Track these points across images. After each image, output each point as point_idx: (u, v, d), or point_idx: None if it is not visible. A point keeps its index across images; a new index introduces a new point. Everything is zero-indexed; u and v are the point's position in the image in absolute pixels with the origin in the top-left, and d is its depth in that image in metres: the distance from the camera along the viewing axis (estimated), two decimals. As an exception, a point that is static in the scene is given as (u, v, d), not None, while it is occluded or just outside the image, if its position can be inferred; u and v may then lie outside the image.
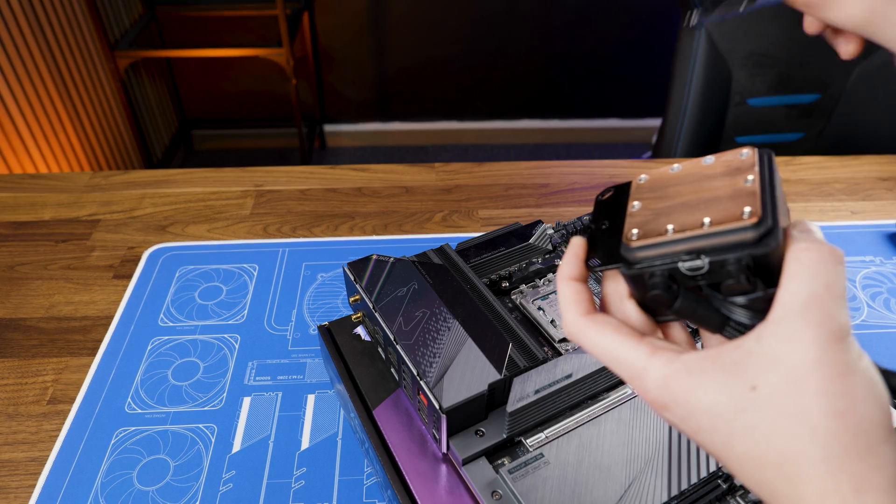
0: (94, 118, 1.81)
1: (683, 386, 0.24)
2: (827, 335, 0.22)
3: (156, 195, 0.84)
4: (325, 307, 0.68)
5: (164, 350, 0.63)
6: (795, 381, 0.22)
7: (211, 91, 2.34)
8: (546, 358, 0.44)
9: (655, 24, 2.22)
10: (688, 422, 0.24)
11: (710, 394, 0.23)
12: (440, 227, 0.79)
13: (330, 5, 2.17)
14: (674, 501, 0.39)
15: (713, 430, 0.24)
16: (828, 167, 0.91)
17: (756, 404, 0.22)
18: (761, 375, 0.23)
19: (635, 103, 2.43)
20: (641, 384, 0.25)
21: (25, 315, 0.67)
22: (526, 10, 2.19)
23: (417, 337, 0.44)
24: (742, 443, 0.23)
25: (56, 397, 0.59)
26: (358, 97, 2.38)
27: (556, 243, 0.58)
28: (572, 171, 0.89)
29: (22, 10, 1.50)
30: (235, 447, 0.54)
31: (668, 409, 0.25)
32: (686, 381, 0.24)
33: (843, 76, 1.15)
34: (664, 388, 0.25)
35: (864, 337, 0.63)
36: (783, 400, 0.22)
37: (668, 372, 0.25)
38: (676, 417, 0.25)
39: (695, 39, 1.11)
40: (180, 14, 2.13)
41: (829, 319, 0.22)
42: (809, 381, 0.22)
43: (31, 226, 0.79)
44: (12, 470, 0.53)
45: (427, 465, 0.43)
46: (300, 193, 0.85)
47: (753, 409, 0.22)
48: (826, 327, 0.22)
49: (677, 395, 0.24)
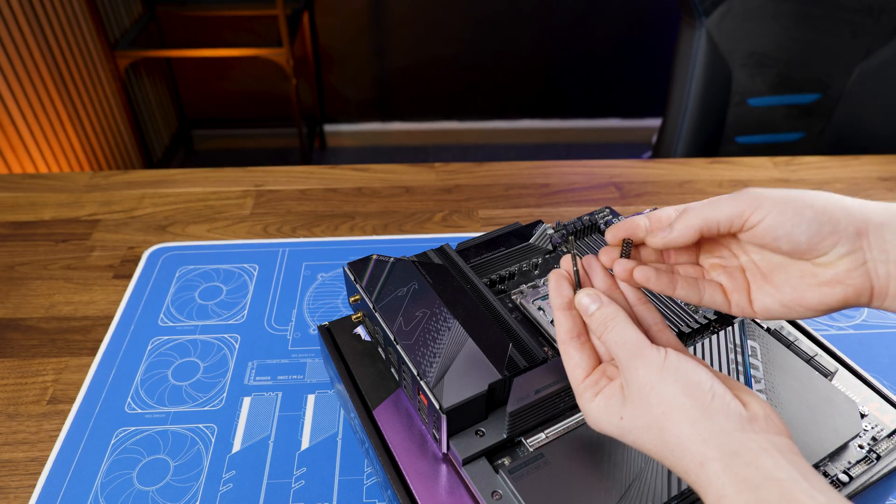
0: (94, 118, 1.81)
1: (602, 425, 0.35)
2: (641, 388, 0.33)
3: (156, 195, 0.84)
4: (325, 307, 0.68)
5: (164, 350, 0.63)
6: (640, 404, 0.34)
7: (211, 91, 2.34)
8: (546, 358, 0.44)
9: (655, 24, 2.22)
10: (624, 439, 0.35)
11: (608, 426, 0.35)
12: (440, 227, 0.79)
13: (330, 5, 2.17)
14: (674, 501, 0.39)
15: (631, 445, 0.35)
16: (828, 167, 0.91)
17: (625, 427, 0.34)
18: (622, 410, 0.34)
19: (635, 103, 2.43)
20: (585, 418, 0.37)
21: (25, 315, 0.67)
22: (526, 10, 2.19)
23: (417, 337, 0.44)
24: (640, 449, 0.34)
25: (56, 397, 0.59)
26: (358, 97, 2.38)
27: (556, 243, 0.58)
28: (572, 171, 0.89)
29: (22, 10, 1.50)
30: (235, 447, 0.54)
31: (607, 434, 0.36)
32: (601, 421, 0.35)
33: (843, 76, 1.15)
34: (596, 426, 0.36)
35: (864, 337, 0.63)
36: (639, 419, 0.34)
37: (594, 415, 0.36)
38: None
39: (695, 39, 1.11)
40: (180, 14, 2.13)
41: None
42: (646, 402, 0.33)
43: (31, 226, 0.79)
44: (12, 470, 0.53)
45: (427, 465, 0.43)
46: (300, 193, 0.85)
47: (626, 431, 0.34)
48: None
49: (604, 430, 0.36)
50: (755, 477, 0.29)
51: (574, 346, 0.37)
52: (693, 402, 0.31)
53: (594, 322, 0.36)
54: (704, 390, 0.32)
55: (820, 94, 1.17)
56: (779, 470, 0.29)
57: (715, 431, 0.31)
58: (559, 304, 0.38)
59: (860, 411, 0.46)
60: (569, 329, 0.38)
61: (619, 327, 0.35)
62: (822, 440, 0.43)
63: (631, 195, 0.85)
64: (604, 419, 0.35)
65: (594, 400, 0.35)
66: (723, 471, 0.30)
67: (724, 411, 0.31)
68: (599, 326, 0.36)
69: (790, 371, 0.47)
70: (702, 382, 0.32)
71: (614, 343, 0.35)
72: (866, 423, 0.46)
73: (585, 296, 0.37)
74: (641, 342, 0.34)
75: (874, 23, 1.09)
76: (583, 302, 0.37)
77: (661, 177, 0.88)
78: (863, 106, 1.15)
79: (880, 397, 0.48)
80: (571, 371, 0.37)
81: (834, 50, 1.13)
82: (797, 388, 0.46)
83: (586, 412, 0.36)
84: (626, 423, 0.34)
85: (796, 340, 0.50)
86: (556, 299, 0.38)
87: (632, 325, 0.35)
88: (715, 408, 0.31)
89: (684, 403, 0.32)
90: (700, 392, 0.32)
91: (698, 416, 0.31)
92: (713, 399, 0.32)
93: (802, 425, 0.43)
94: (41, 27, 1.58)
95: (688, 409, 0.31)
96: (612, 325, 0.35)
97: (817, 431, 0.43)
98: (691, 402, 0.32)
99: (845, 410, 0.44)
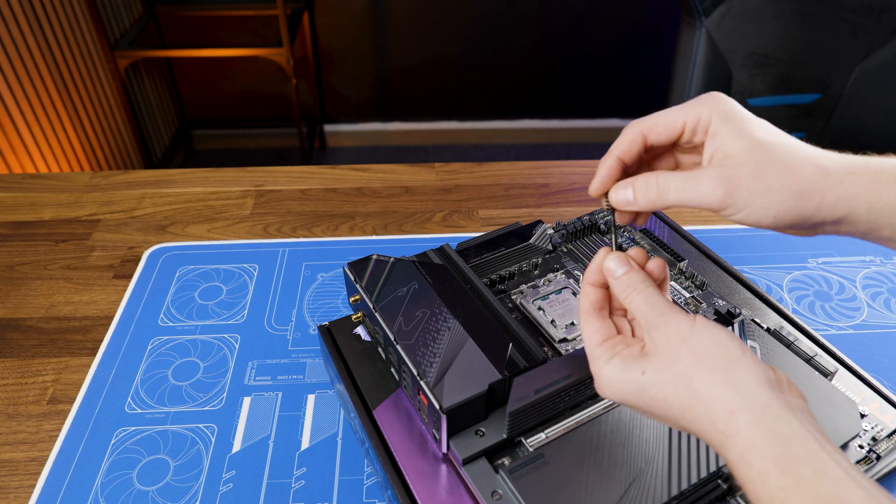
0: (94, 118, 1.81)
1: (617, 385, 0.35)
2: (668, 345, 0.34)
3: (156, 195, 0.84)
4: (325, 307, 0.68)
5: (164, 350, 0.63)
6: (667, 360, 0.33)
7: (211, 91, 2.34)
8: (546, 358, 0.44)
9: (655, 24, 2.22)
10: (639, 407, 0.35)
11: (624, 385, 0.34)
12: (440, 227, 0.79)
13: (330, 5, 2.17)
14: (674, 501, 0.39)
15: (644, 410, 0.34)
16: (828, 167, 0.91)
17: (646, 382, 0.33)
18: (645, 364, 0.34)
19: (635, 103, 2.43)
20: (596, 383, 0.36)
21: (25, 315, 0.67)
22: (526, 10, 2.19)
23: (417, 337, 0.44)
24: (657, 408, 0.33)
25: (56, 397, 0.59)
26: (358, 97, 2.38)
27: (556, 243, 0.58)
28: (572, 171, 0.89)
29: (22, 10, 1.50)
30: (235, 447, 0.54)
31: (623, 402, 0.35)
32: (618, 381, 0.35)
33: (843, 76, 1.15)
34: (609, 388, 0.35)
35: (864, 337, 0.63)
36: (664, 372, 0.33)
37: (609, 376, 0.35)
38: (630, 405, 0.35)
39: (695, 39, 1.11)
40: (180, 14, 2.13)
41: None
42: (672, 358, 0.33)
43: (31, 226, 0.79)
44: (12, 470, 0.53)
45: (427, 465, 0.43)
46: (300, 193, 0.85)
47: (647, 385, 0.33)
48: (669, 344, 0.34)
49: (617, 391, 0.35)
50: (785, 431, 0.29)
51: (595, 316, 0.37)
52: (725, 354, 0.32)
53: (621, 284, 0.36)
54: (735, 346, 0.32)
55: (820, 94, 1.17)
56: (804, 429, 0.29)
57: (747, 382, 0.31)
58: (593, 279, 0.38)
59: (860, 411, 0.46)
60: (593, 301, 0.38)
61: (647, 290, 0.35)
62: (822, 440, 0.43)
63: (631, 195, 0.85)
64: (620, 378, 0.34)
65: (610, 362, 0.35)
66: (753, 421, 0.29)
67: (754, 368, 0.31)
68: (627, 288, 0.36)
69: (790, 371, 0.47)
70: (733, 339, 0.33)
71: (643, 302, 0.35)
72: (866, 423, 0.46)
73: (614, 260, 0.37)
74: (671, 305, 0.35)
75: (874, 23, 1.09)
76: (611, 266, 0.37)
77: (661, 177, 0.88)
78: (863, 106, 1.15)
79: (880, 397, 0.48)
80: (589, 337, 0.37)
81: (834, 50, 1.13)
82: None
83: (599, 375, 0.36)
84: (649, 377, 0.33)
85: (796, 340, 0.50)
86: (591, 275, 0.38)
87: (660, 292, 0.36)
88: (746, 363, 0.31)
89: (716, 354, 0.32)
90: (731, 347, 0.32)
91: (730, 366, 0.31)
92: (743, 355, 0.32)
93: (802, 425, 0.43)
94: (41, 27, 1.58)
95: (720, 360, 0.32)
96: (641, 287, 0.35)
97: (817, 431, 0.43)
98: (724, 353, 0.32)
99: (845, 410, 0.44)
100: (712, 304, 0.53)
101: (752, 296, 0.56)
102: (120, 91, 1.92)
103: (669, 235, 0.62)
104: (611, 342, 0.36)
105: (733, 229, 0.78)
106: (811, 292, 0.69)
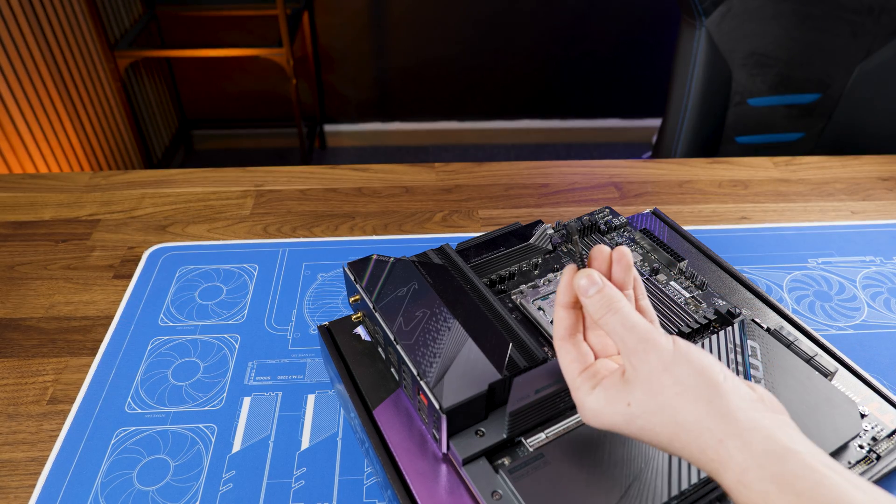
0: (94, 118, 1.81)
1: (604, 416, 0.35)
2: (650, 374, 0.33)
3: (156, 195, 0.84)
4: (325, 307, 0.68)
5: (164, 350, 0.63)
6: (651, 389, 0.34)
7: (211, 91, 2.34)
8: (546, 358, 0.44)
9: (655, 24, 2.22)
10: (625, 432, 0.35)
11: (611, 416, 0.35)
12: (440, 227, 0.79)
13: (330, 5, 2.17)
14: (674, 501, 0.39)
15: (633, 436, 0.35)
16: (828, 167, 0.91)
17: (633, 413, 0.34)
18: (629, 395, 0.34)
19: (635, 103, 2.43)
20: (581, 412, 0.37)
21: (25, 315, 0.67)
22: (526, 10, 2.19)
23: (417, 337, 0.44)
24: (646, 437, 0.34)
25: (56, 397, 0.59)
26: (358, 97, 2.38)
27: (556, 243, 0.58)
28: (572, 171, 0.89)
29: (22, 10, 1.50)
30: (235, 447, 0.54)
31: (608, 429, 0.36)
32: (604, 412, 0.35)
33: (843, 76, 1.15)
34: (596, 419, 0.36)
35: (864, 337, 0.63)
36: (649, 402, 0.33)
37: (594, 408, 0.35)
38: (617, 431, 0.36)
39: (695, 39, 1.11)
40: (180, 14, 2.13)
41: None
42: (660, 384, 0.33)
43: (31, 226, 0.79)
44: (12, 470, 0.53)
45: (427, 465, 0.43)
46: (300, 193, 0.85)
47: (634, 417, 0.34)
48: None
49: (604, 422, 0.35)
50: (777, 449, 0.29)
51: (571, 342, 0.38)
52: (707, 381, 0.32)
53: (594, 304, 0.35)
54: (717, 371, 0.32)
55: (820, 94, 1.17)
56: (796, 444, 0.29)
57: (732, 408, 0.31)
58: (564, 301, 0.38)
59: (860, 411, 0.46)
60: (567, 326, 0.38)
61: (623, 311, 0.35)
62: (822, 440, 0.43)
63: (631, 195, 0.85)
64: (606, 410, 0.34)
65: (593, 392, 0.35)
66: (744, 445, 0.30)
67: (736, 391, 0.32)
68: (601, 309, 0.35)
69: (790, 371, 0.47)
70: (713, 365, 0.33)
71: (620, 325, 0.34)
72: (866, 423, 0.46)
73: (585, 277, 0.36)
74: (649, 327, 0.34)
75: (874, 23, 1.09)
76: (581, 283, 0.36)
77: (661, 177, 0.88)
78: (863, 106, 1.15)
79: (880, 397, 0.48)
80: (568, 366, 0.37)
81: (834, 50, 1.13)
82: (797, 388, 0.46)
83: (584, 406, 0.36)
84: (635, 409, 0.33)
85: (796, 340, 0.50)
86: (562, 296, 0.38)
87: (635, 311, 0.35)
88: (728, 388, 0.32)
89: (699, 383, 0.32)
90: (713, 373, 0.32)
91: (713, 395, 0.31)
92: (725, 380, 0.32)
93: (802, 425, 0.43)
94: (41, 27, 1.58)
95: (702, 389, 0.32)
96: (616, 308, 0.35)
97: (817, 431, 0.43)
98: (705, 381, 0.32)
99: (845, 410, 0.44)
100: (712, 304, 0.53)
101: (752, 296, 0.56)
102: (120, 91, 1.92)
103: (669, 235, 0.62)
104: (591, 371, 0.36)
105: (733, 229, 0.78)
106: (811, 292, 0.69)
